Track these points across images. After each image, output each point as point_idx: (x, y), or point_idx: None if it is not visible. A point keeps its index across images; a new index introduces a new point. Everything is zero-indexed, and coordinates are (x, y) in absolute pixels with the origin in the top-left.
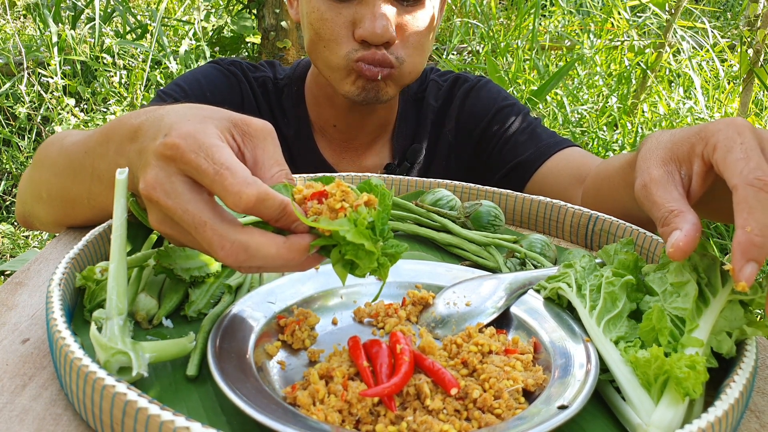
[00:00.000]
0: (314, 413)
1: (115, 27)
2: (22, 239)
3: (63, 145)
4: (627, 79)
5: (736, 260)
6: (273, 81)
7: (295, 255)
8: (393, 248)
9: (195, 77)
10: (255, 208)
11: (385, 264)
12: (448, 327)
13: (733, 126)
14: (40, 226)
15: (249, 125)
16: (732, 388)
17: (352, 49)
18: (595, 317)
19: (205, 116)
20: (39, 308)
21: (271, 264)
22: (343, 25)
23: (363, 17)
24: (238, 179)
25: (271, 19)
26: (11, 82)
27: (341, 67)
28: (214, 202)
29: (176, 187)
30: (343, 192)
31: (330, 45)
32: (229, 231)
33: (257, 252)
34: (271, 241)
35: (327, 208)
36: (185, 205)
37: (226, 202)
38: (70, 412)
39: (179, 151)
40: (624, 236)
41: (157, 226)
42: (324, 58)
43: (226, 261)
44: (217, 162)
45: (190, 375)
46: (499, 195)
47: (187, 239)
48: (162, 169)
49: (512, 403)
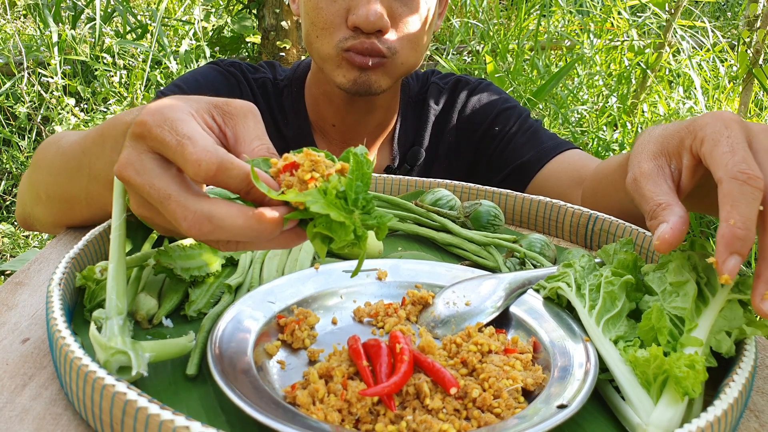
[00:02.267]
0: (314, 413)
1: (116, 27)
2: (22, 239)
3: (60, 146)
4: (627, 79)
5: (719, 253)
6: (273, 82)
7: (266, 226)
8: (376, 219)
9: (194, 78)
10: (217, 177)
11: (364, 236)
12: (447, 326)
13: (720, 119)
14: (39, 228)
15: (229, 104)
16: (731, 387)
17: (343, 38)
18: (595, 317)
19: (183, 98)
20: (39, 308)
21: (241, 235)
22: (337, 13)
23: (357, 4)
24: (198, 148)
25: (271, 19)
26: (11, 81)
27: (332, 56)
28: (182, 177)
29: (145, 164)
30: (313, 162)
31: (323, 34)
32: (192, 201)
33: (222, 222)
34: (238, 211)
35: (297, 180)
36: (152, 180)
37: (187, 171)
38: (70, 412)
39: (146, 127)
40: (623, 236)
41: (135, 209)
42: (317, 48)
43: (191, 233)
44: (179, 133)
45: (190, 374)
46: (498, 195)
47: (161, 219)
48: (133, 148)
49: (512, 402)
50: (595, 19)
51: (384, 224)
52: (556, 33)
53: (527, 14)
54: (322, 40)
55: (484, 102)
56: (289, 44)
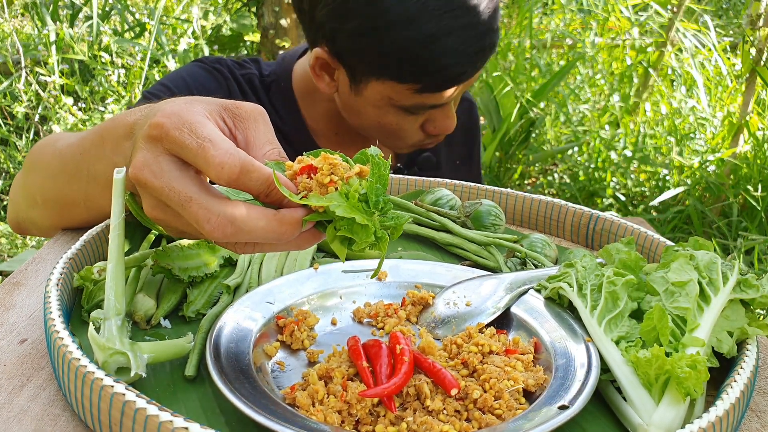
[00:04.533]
0: (313, 414)
1: (114, 25)
2: (20, 239)
3: (56, 148)
4: (629, 77)
5: None
6: (259, 78)
7: (287, 228)
8: (393, 220)
9: (180, 76)
10: (239, 180)
11: (384, 237)
12: (448, 327)
13: None
14: (35, 231)
15: (239, 108)
16: (733, 387)
17: (418, 141)
18: (596, 317)
19: (195, 100)
20: (37, 308)
21: (263, 238)
22: (418, 126)
23: (436, 117)
24: (220, 151)
25: (271, 17)
26: (9, 81)
27: (399, 149)
28: (200, 178)
29: (162, 167)
30: (331, 165)
31: (395, 140)
32: (215, 204)
33: (245, 225)
34: (260, 213)
35: (316, 184)
36: (171, 183)
37: (209, 174)
38: (68, 413)
39: (164, 129)
40: (625, 236)
41: (149, 211)
42: (383, 141)
43: (213, 235)
44: (200, 136)
45: (189, 375)
46: (499, 194)
47: (178, 221)
48: (149, 150)
49: (513, 403)
50: (597, 18)
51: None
52: (557, 31)
53: (528, 12)
54: (392, 143)
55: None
56: (288, 42)
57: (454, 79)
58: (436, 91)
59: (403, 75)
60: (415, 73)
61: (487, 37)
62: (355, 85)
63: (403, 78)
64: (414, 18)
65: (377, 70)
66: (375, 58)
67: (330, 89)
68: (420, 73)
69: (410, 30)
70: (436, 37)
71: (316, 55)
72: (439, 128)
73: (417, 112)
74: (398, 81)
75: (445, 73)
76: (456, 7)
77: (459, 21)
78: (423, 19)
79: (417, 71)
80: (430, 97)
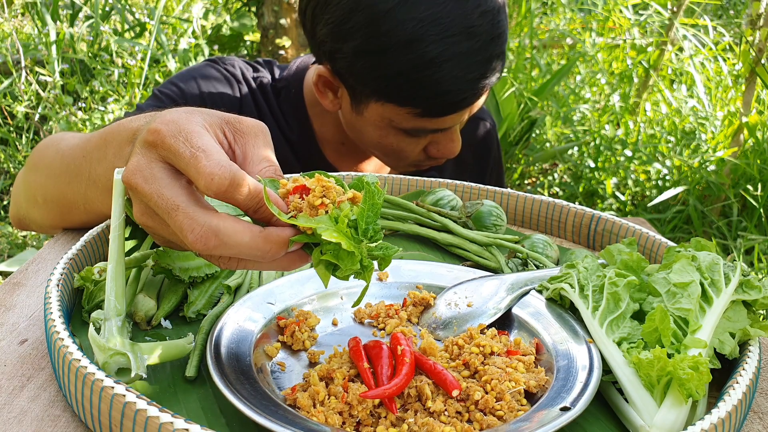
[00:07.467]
0: (314, 415)
1: (114, 25)
2: (20, 239)
3: (59, 148)
4: (629, 77)
5: None
6: (271, 83)
7: (272, 246)
8: (381, 250)
9: (192, 76)
10: (228, 193)
11: (370, 266)
12: (449, 328)
13: None
14: (36, 228)
15: (241, 122)
16: (735, 389)
17: (418, 161)
18: (598, 318)
19: (197, 111)
20: (37, 309)
21: (246, 254)
22: (420, 148)
23: (439, 140)
24: (212, 161)
25: (271, 17)
26: (9, 80)
27: (397, 168)
28: (191, 189)
29: (154, 173)
30: (324, 188)
31: (395, 160)
32: (200, 214)
33: (229, 238)
34: (246, 228)
35: (307, 205)
36: (160, 190)
37: (198, 184)
38: (68, 414)
39: (160, 136)
40: (626, 236)
41: (138, 217)
42: (384, 159)
43: (196, 246)
44: (194, 145)
45: (189, 376)
46: (500, 194)
47: (164, 230)
48: (144, 155)
49: (514, 404)
50: (597, 17)
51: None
52: (557, 31)
53: (528, 12)
54: (393, 162)
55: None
56: (288, 42)
57: (455, 105)
58: (436, 116)
59: (403, 98)
60: (414, 98)
61: (490, 63)
62: (356, 104)
63: (402, 101)
64: (414, 41)
65: (377, 92)
66: (374, 80)
67: (333, 106)
68: (419, 98)
69: (410, 54)
70: (435, 62)
71: (319, 73)
72: (442, 152)
73: (418, 135)
74: (398, 104)
75: (445, 98)
76: (457, 32)
77: (460, 46)
78: (423, 43)
79: (416, 95)
80: (431, 122)
